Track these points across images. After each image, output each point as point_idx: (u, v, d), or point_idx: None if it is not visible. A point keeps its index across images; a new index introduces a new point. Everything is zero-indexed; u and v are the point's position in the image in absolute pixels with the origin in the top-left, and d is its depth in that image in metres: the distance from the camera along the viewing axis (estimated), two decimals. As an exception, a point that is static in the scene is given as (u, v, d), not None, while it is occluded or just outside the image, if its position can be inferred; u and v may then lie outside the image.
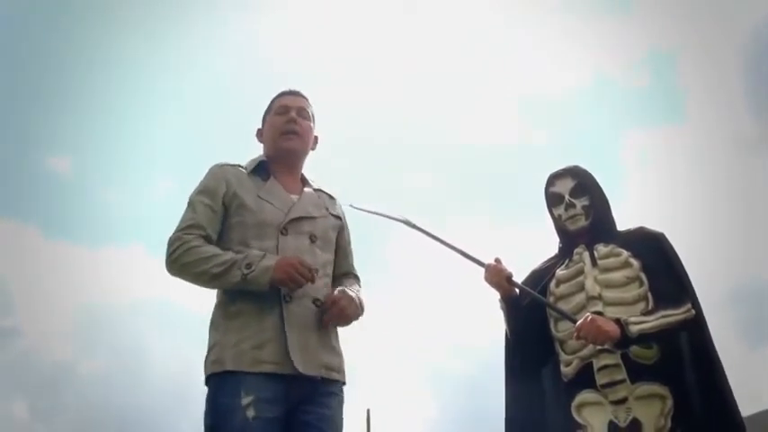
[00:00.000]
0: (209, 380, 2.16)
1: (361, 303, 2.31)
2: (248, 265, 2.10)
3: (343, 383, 2.27)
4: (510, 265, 2.61)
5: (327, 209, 2.40)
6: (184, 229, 2.22)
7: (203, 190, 2.30)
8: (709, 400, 2.38)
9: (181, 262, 2.18)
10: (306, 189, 2.40)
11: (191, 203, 2.29)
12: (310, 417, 2.14)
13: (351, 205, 2.59)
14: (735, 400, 2.42)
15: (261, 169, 2.37)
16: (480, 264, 2.60)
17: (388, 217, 2.61)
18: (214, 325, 2.22)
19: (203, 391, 2.18)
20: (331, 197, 2.47)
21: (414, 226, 2.65)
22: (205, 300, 2.31)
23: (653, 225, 2.66)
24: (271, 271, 2.09)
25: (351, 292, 2.27)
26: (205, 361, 2.20)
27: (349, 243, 2.50)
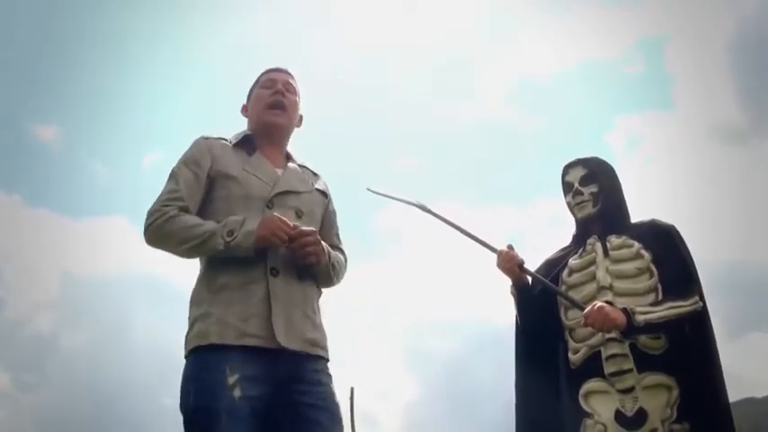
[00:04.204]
0: (191, 354, 2.09)
1: (335, 262, 2.27)
2: (230, 233, 2.07)
3: (327, 360, 2.22)
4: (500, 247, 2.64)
5: (312, 184, 2.37)
6: (164, 200, 2.18)
7: (187, 161, 2.26)
8: (706, 390, 2.43)
9: (161, 232, 2.14)
10: (290, 164, 2.37)
11: (173, 174, 2.24)
12: (309, 397, 2.09)
13: (367, 189, 2.59)
14: (726, 394, 2.47)
15: (246, 143, 2.34)
16: (493, 250, 2.63)
17: (403, 201, 2.62)
18: (196, 300, 2.17)
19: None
20: (315, 174, 2.44)
21: (428, 210, 2.66)
22: (190, 274, 2.30)
23: (637, 211, 2.73)
24: (253, 234, 2.07)
25: (325, 246, 2.22)
26: (186, 336, 2.14)
27: (334, 216, 2.45)
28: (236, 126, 2.46)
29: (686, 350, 2.45)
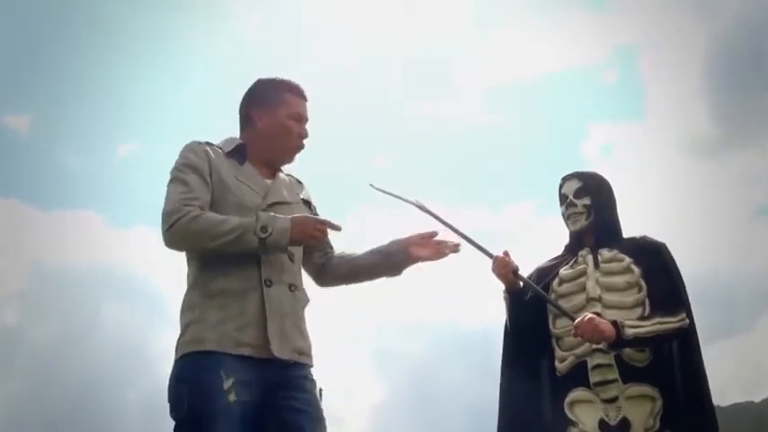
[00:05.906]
0: (185, 358, 2.12)
1: None
2: (263, 229, 2.09)
3: (311, 367, 2.29)
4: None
5: (298, 194, 2.42)
6: (182, 200, 2.14)
7: (188, 164, 2.23)
8: (694, 403, 2.51)
9: (187, 230, 2.11)
10: (280, 174, 2.41)
11: (177, 178, 2.21)
12: (295, 402, 2.16)
13: (370, 185, 2.60)
14: (713, 405, 2.57)
15: (237, 153, 2.33)
16: (489, 255, 2.66)
17: (402, 199, 2.63)
18: (189, 305, 2.19)
19: (153, 361, 2.18)
20: (299, 182, 2.48)
21: (426, 210, 2.68)
22: (161, 270, 2.29)
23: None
24: (288, 232, 2.11)
25: None
26: (179, 339, 2.17)
27: None
28: (217, 117, 2.45)
29: (671, 363, 2.52)
